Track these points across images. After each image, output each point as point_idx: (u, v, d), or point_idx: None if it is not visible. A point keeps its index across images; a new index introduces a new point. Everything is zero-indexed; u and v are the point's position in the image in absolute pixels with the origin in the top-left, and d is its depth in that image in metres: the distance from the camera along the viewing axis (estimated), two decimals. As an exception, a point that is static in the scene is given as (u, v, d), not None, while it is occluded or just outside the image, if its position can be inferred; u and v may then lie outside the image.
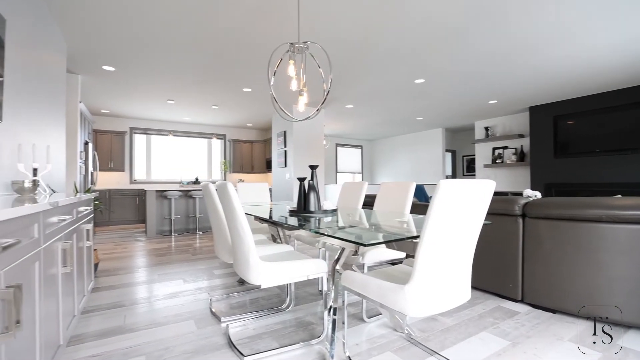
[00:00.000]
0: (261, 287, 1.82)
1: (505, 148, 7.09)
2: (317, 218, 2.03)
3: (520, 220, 2.35)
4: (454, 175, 9.41)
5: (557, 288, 2.13)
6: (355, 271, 1.55)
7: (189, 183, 7.74)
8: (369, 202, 3.33)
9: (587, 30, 3.18)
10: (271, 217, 2.13)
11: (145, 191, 5.62)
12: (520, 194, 4.99)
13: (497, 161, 7.21)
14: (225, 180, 8.56)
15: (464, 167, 9.25)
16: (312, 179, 2.25)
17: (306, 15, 2.90)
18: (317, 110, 2.60)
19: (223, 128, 8.63)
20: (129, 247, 4.59)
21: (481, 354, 1.68)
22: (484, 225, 1.40)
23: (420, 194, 4.14)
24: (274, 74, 2.74)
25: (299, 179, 2.26)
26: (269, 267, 1.66)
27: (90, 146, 5.40)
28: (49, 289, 1.28)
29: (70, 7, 2.76)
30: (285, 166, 6.55)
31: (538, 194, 2.67)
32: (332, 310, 1.63)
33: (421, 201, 3.95)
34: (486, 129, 7.43)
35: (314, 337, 1.86)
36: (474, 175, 8.50)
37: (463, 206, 1.25)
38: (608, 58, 3.87)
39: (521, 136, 6.76)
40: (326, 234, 1.47)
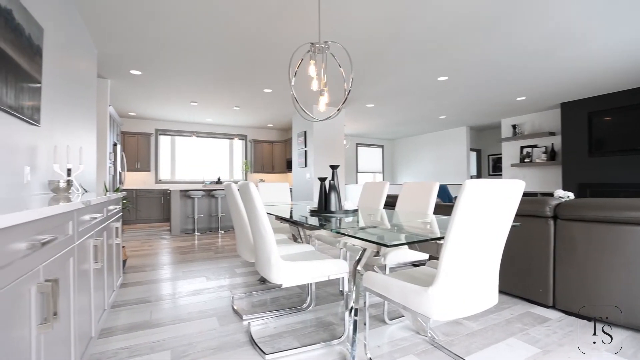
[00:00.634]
0: (282, 287, 1.82)
1: (535, 146, 6.79)
2: (338, 218, 2.02)
3: (552, 222, 2.23)
4: (479, 175, 9.11)
5: (595, 294, 2.01)
6: (377, 272, 1.53)
7: (211, 183, 7.93)
8: (390, 203, 3.28)
9: (635, 19, 2.95)
10: (292, 217, 2.14)
11: (170, 191, 5.82)
12: (551, 194, 4.76)
13: (525, 160, 6.92)
14: (246, 180, 8.70)
15: (490, 167, 8.93)
16: (332, 178, 2.24)
17: (327, 14, 2.89)
18: (337, 110, 2.59)
19: (244, 129, 8.78)
20: (154, 245, 4.76)
21: (509, 361, 1.61)
22: (512, 227, 1.34)
23: (444, 194, 4.04)
24: (295, 74, 2.76)
25: (319, 178, 2.26)
26: (290, 266, 1.66)
27: (119, 147, 5.63)
28: (82, 283, 1.34)
29: (101, 14, 2.90)
30: (306, 166, 6.58)
31: (571, 195, 2.53)
32: (353, 311, 1.62)
33: (444, 202, 3.85)
34: (514, 126, 7.15)
35: (334, 338, 1.85)
36: (500, 175, 8.20)
37: (490, 207, 1.20)
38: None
39: (552, 134, 6.45)
40: (347, 234, 1.46)
